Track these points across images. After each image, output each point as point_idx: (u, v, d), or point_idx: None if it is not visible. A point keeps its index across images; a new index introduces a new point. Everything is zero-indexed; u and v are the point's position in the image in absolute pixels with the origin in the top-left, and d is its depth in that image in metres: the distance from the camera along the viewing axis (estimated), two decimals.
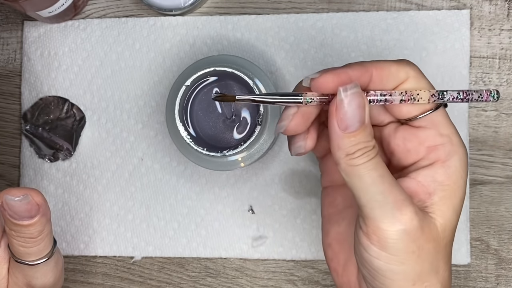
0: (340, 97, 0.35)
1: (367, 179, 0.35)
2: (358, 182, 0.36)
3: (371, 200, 0.35)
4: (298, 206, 0.53)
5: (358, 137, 0.35)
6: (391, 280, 0.37)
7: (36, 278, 0.43)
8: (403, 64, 0.37)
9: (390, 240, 0.36)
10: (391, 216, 0.35)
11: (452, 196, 0.37)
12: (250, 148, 0.48)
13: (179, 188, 0.53)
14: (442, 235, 0.37)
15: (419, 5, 0.52)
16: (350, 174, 0.36)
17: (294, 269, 0.53)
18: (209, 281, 0.54)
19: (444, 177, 0.37)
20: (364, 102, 0.36)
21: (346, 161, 0.36)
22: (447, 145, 0.37)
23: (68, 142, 0.53)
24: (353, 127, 0.35)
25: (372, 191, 0.35)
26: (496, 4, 0.52)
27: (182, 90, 0.48)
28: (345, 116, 0.35)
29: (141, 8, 0.54)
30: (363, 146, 0.35)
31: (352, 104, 0.35)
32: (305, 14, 0.53)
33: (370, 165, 0.35)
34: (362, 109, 0.35)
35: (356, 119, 0.35)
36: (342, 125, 0.35)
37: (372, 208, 0.36)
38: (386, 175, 0.36)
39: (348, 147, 0.35)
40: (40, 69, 0.54)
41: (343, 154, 0.36)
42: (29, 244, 0.41)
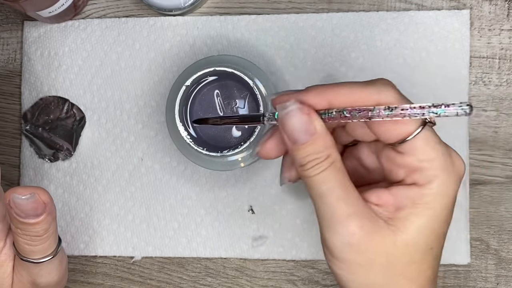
0: (280, 115, 0.37)
1: (317, 190, 0.37)
2: (310, 192, 0.37)
3: (319, 210, 0.37)
4: (298, 206, 0.53)
5: (307, 149, 0.36)
6: (346, 286, 0.38)
7: (41, 276, 0.43)
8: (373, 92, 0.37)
9: (335, 250, 0.37)
10: (334, 229, 0.37)
11: (420, 215, 0.37)
12: (250, 148, 0.48)
13: (179, 188, 0.53)
14: (402, 251, 0.37)
15: (419, 5, 0.52)
16: (305, 183, 0.38)
17: (294, 269, 0.53)
18: (209, 281, 0.54)
19: (417, 197, 0.37)
20: (308, 116, 0.36)
21: (300, 172, 0.37)
22: (425, 171, 0.37)
23: (68, 142, 0.53)
24: (300, 141, 0.36)
25: (320, 202, 0.37)
26: (496, 4, 0.52)
27: (182, 90, 0.48)
28: (290, 131, 0.37)
29: (141, 8, 0.54)
30: (314, 158, 0.36)
31: (293, 120, 0.37)
32: (305, 14, 0.53)
33: (321, 178, 0.37)
34: (307, 123, 0.36)
35: (302, 133, 0.36)
36: (290, 140, 0.37)
37: (320, 218, 0.37)
38: (337, 187, 0.37)
39: (299, 159, 0.37)
40: (40, 69, 0.54)
41: (297, 165, 0.37)
42: (35, 242, 0.41)
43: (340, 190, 0.37)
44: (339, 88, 0.37)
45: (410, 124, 0.36)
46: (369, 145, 0.41)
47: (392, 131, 0.37)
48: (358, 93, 0.37)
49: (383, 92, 0.36)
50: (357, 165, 0.42)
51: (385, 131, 0.37)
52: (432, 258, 0.38)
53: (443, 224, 0.38)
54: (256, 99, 0.47)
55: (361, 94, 0.37)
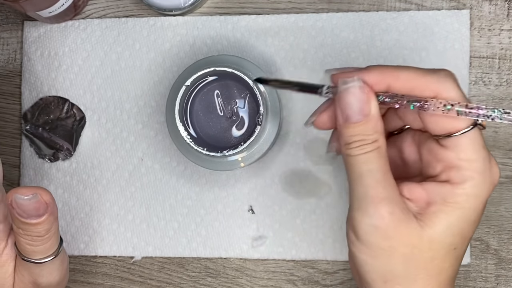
0: (339, 89, 0.37)
1: (356, 170, 0.37)
2: (349, 171, 0.37)
3: (354, 190, 0.37)
4: (298, 206, 0.53)
5: (357, 129, 0.36)
6: (364, 270, 0.38)
7: (42, 276, 0.43)
8: (433, 82, 0.36)
9: (361, 231, 0.37)
10: (365, 210, 0.37)
11: (450, 214, 0.37)
12: (250, 148, 0.48)
13: (179, 188, 0.53)
14: (427, 246, 0.37)
15: (419, 5, 0.52)
16: (346, 162, 0.37)
17: (294, 269, 0.53)
18: (209, 281, 0.54)
19: (449, 196, 0.37)
20: (367, 96, 0.36)
21: (344, 150, 0.37)
22: (462, 170, 0.37)
23: (68, 142, 0.53)
24: (352, 119, 0.36)
25: (358, 182, 0.37)
26: (496, 4, 0.52)
27: (182, 90, 0.48)
28: (345, 107, 0.37)
29: (141, 8, 0.54)
30: (360, 139, 0.36)
31: (351, 97, 0.36)
32: (305, 14, 0.53)
33: (363, 158, 0.37)
34: (364, 102, 0.36)
35: (356, 112, 0.36)
36: (342, 116, 0.37)
37: (352, 198, 0.37)
38: (376, 171, 0.37)
39: (346, 137, 0.37)
40: (40, 69, 0.54)
41: (342, 142, 0.37)
42: (36, 242, 0.41)
43: (379, 174, 0.37)
44: (400, 72, 0.37)
45: (461, 121, 0.36)
46: (414, 135, 0.41)
47: (442, 124, 0.37)
48: (418, 81, 0.36)
49: (444, 84, 0.36)
50: (396, 156, 0.42)
51: (435, 122, 0.37)
52: (454, 257, 0.38)
53: (471, 226, 0.38)
54: (256, 99, 0.47)
55: (421, 82, 0.36)
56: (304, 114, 0.52)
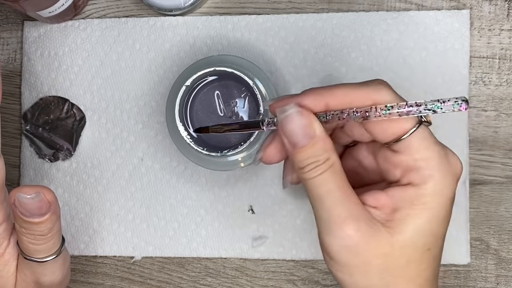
0: (279, 119, 0.37)
1: (315, 193, 0.37)
2: (309, 195, 0.38)
3: (318, 213, 0.37)
4: (298, 207, 0.53)
5: (307, 152, 0.37)
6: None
7: (44, 275, 0.43)
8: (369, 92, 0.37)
9: (333, 253, 0.37)
10: (332, 232, 0.37)
11: (417, 216, 0.37)
12: (250, 148, 0.48)
13: (179, 188, 0.53)
14: (399, 252, 0.37)
15: (419, 5, 0.52)
16: (304, 186, 0.38)
17: (294, 269, 0.53)
18: (209, 281, 0.54)
19: (414, 198, 0.37)
20: (308, 119, 0.37)
21: (299, 175, 0.37)
22: (420, 170, 0.37)
23: (68, 142, 0.53)
24: (299, 144, 0.37)
25: (319, 205, 0.37)
26: (496, 4, 0.52)
27: (182, 90, 0.48)
28: (290, 135, 0.37)
29: (141, 8, 0.54)
30: (312, 161, 0.37)
31: (292, 124, 0.37)
32: (305, 14, 0.53)
33: (319, 180, 0.37)
34: (307, 126, 0.37)
35: (301, 136, 0.37)
36: (290, 143, 0.37)
37: (318, 221, 0.38)
38: (334, 190, 0.37)
39: (298, 162, 0.37)
40: (40, 69, 0.54)
41: (296, 168, 0.37)
42: (39, 241, 0.41)
43: (337, 193, 0.37)
44: (335, 90, 0.37)
45: (406, 123, 0.36)
46: (367, 146, 0.41)
47: (388, 130, 0.37)
48: (354, 94, 0.37)
49: (379, 92, 0.37)
50: (357, 166, 0.42)
51: (381, 131, 0.37)
52: (430, 258, 0.38)
53: (441, 224, 0.38)
54: (256, 99, 0.47)
55: (357, 95, 0.37)
56: None
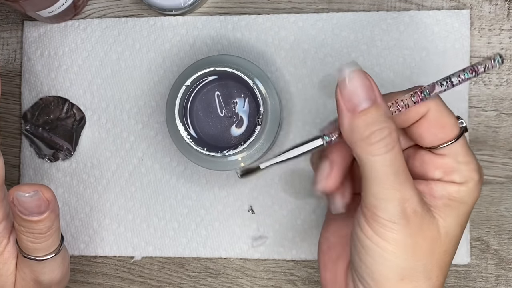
0: (341, 77, 0.34)
1: (381, 172, 0.35)
2: (371, 172, 0.35)
3: (378, 192, 0.35)
4: (298, 207, 0.53)
5: (370, 115, 0.34)
6: (381, 267, 0.37)
7: (43, 274, 0.43)
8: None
9: (388, 231, 0.36)
10: (394, 212, 0.36)
11: (456, 208, 0.38)
12: (250, 148, 0.48)
13: (179, 188, 0.53)
14: (443, 239, 0.38)
15: (419, 5, 0.52)
16: (364, 161, 0.35)
17: (294, 269, 0.53)
18: (209, 281, 0.54)
19: (454, 192, 0.38)
20: (370, 82, 0.35)
21: (362, 147, 0.35)
22: (463, 171, 0.38)
23: (68, 142, 0.53)
24: (361, 106, 0.34)
25: (382, 185, 0.35)
26: (496, 4, 0.52)
27: (182, 90, 0.48)
28: (350, 95, 0.34)
29: (141, 8, 0.54)
30: (378, 128, 0.34)
31: (355, 82, 0.34)
32: (305, 14, 0.53)
33: (387, 159, 0.35)
34: (369, 88, 0.34)
35: (363, 97, 0.34)
36: (349, 105, 0.34)
37: (378, 199, 0.36)
38: (401, 171, 0.35)
39: (361, 128, 0.34)
40: (40, 69, 0.54)
41: (357, 137, 0.35)
42: (38, 239, 0.42)
43: (403, 174, 0.36)
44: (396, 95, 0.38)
45: (453, 129, 0.38)
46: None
47: (437, 135, 0.38)
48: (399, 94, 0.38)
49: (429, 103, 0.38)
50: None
51: (430, 135, 0.38)
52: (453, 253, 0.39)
53: (466, 222, 0.39)
54: (256, 99, 0.47)
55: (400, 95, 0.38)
56: (304, 114, 0.52)
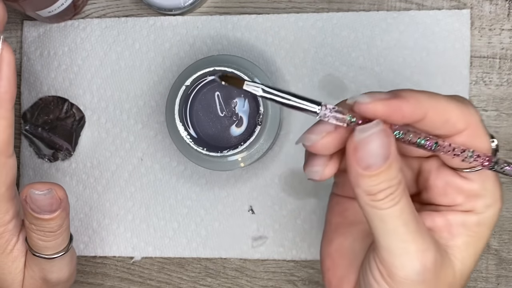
0: (358, 137, 0.32)
1: (390, 225, 0.32)
2: (379, 225, 0.33)
3: (391, 247, 0.33)
4: (298, 207, 0.53)
5: (380, 176, 0.31)
6: None
7: (52, 272, 0.43)
8: (466, 112, 0.33)
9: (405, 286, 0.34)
10: (412, 269, 0.33)
11: (476, 244, 0.35)
12: (250, 148, 0.48)
13: (179, 188, 0.53)
14: (459, 281, 0.35)
15: (420, 5, 0.52)
16: (371, 215, 0.33)
17: (294, 269, 0.53)
18: (209, 282, 0.53)
19: (474, 225, 0.35)
20: (389, 140, 0.31)
21: (367, 202, 0.32)
22: (487, 199, 0.35)
23: (68, 142, 0.53)
24: (374, 167, 0.31)
25: (393, 238, 0.33)
26: (497, 3, 0.52)
27: (182, 90, 0.47)
28: (365, 156, 0.31)
29: (141, 8, 0.54)
30: (386, 186, 0.31)
31: (373, 144, 0.31)
32: (305, 13, 0.53)
33: (395, 211, 0.32)
34: (386, 147, 0.31)
35: (378, 158, 0.31)
36: (361, 164, 0.31)
37: (391, 254, 0.33)
38: (411, 222, 0.33)
39: (368, 188, 0.32)
40: (39, 69, 0.54)
41: (363, 193, 0.32)
42: (48, 238, 0.42)
43: (413, 224, 0.33)
44: (438, 100, 0.33)
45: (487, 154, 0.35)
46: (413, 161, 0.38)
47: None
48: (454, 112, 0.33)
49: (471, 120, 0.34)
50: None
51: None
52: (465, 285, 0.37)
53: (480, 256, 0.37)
54: (256, 99, 0.47)
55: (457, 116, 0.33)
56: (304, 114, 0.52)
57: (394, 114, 0.32)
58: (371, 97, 0.32)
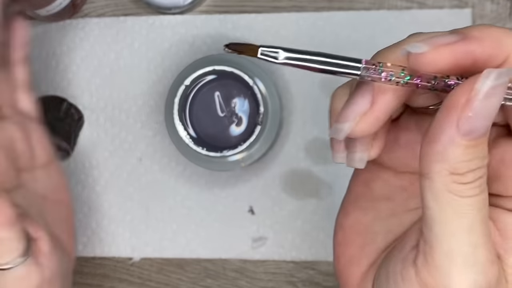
0: (481, 86, 0.23)
1: (466, 221, 0.25)
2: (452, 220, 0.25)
3: (457, 253, 0.25)
4: (299, 207, 0.52)
5: (478, 149, 0.24)
6: None
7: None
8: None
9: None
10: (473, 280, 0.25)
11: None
12: (250, 148, 0.48)
13: (178, 189, 0.53)
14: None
15: (421, 4, 0.52)
16: (445, 204, 0.25)
17: (294, 270, 0.53)
18: (208, 283, 0.53)
19: None
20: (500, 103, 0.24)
21: (447, 184, 0.24)
22: None
23: (66, 142, 0.53)
24: (479, 133, 0.24)
25: (465, 240, 0.25)
26: (498, 3, 0.52)
27: (181, 90, 0.47)
28: (476, 115, 0.23)
29: (140, 7, 0.54)
30: (477, 167, 0.24)
31: (493, 100, 0.23)
32: (306, 12, 0.52)
33: (478, 202, 0.25)
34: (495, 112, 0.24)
35: (488, 122, 0.24)
36: (465, 127, 0.24)
37: (452, 261, 0.25)
38: (487, 220, 0.25)
39: (458, 162, 0.24)
40: (37, 68, 0.54)
41: (445, 169, 0.24)
42: None
43: (484, 225, 0.25)
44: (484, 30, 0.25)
45: None
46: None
47: None
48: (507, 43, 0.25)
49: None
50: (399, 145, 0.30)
51: None
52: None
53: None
54: (256, 99, 0.47)
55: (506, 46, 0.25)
56: (305, 114, 0.52)
57: (463, 62, 0.24)
58: (429, 43, 0.25)
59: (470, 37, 0.24)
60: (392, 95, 0.26)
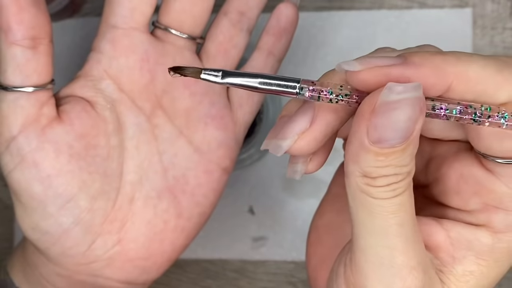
0: (386, 98, 0.23)
1: (378, 221, 0.24)
2: (364, 218, 0.25)
3: (372, 253, 0.25)
4: (299, 207, 0.52)
5: (390, 158, 0.23)
6: None
7: None
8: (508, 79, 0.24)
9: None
10: (388, 282, 0.25)
11: (482, 277, 0.26)
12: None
13: None
14: None
15: (421, 4, 0.52)
16: (357, 203, 0.25)
17: (294, 270, 0.53)
18: (208, 283, 0.53)
19: (486, 251, 0.26)
20: (421, 115, 0.23)
21: (358, 184, 0.24)
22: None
23: None
24: (388, 143, 0.23)
25: (379, 239, 0.25)
26: (499, 2, 0.52)
27: None
28: (384, 124, 0.23)
29: None
30: (392, 173, 0.24)
31: (402, 113, 0.23)
32: (306, 12, 0.52)
33: (391, 205, 0.24)
34: (413, 122, 0.23)
35: (398, 133, 0.23)
36: (373, 135, 0.23)
37: (368, 261, 0.25)
38: (407, 224, 0.25)
39: (368, 168, 0.24)
40: None
41: (358, 172, 0.24)
42: None
43: (410, 229, 0.25)
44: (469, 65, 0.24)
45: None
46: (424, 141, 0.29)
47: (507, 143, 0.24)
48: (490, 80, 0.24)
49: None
50: None
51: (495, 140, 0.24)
52: None
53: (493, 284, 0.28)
54: None
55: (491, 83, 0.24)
56: None
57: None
58: (364, 62, 0.24)
59: (408, 63, 0.24)
60: (332, 115, 0.26)
